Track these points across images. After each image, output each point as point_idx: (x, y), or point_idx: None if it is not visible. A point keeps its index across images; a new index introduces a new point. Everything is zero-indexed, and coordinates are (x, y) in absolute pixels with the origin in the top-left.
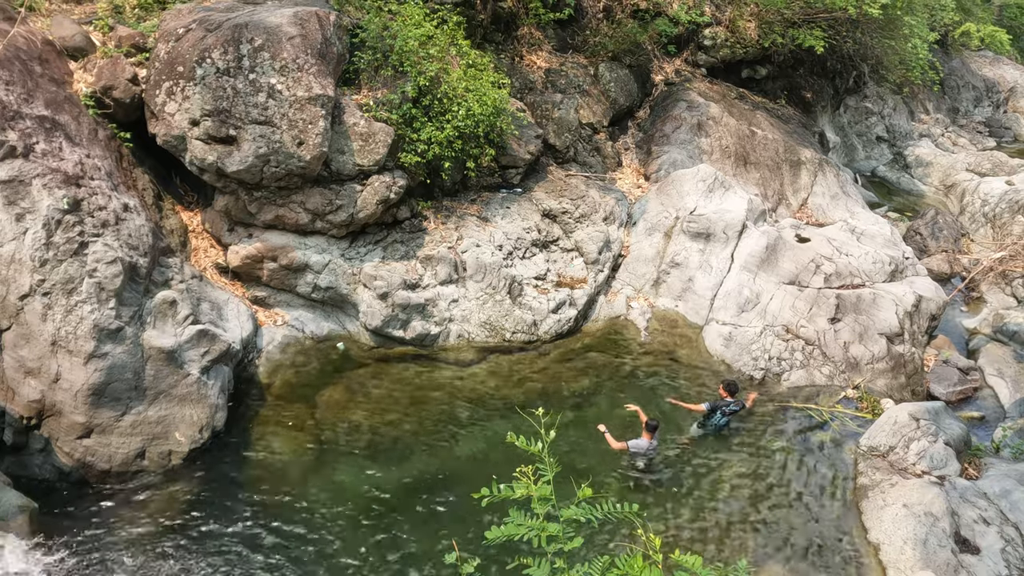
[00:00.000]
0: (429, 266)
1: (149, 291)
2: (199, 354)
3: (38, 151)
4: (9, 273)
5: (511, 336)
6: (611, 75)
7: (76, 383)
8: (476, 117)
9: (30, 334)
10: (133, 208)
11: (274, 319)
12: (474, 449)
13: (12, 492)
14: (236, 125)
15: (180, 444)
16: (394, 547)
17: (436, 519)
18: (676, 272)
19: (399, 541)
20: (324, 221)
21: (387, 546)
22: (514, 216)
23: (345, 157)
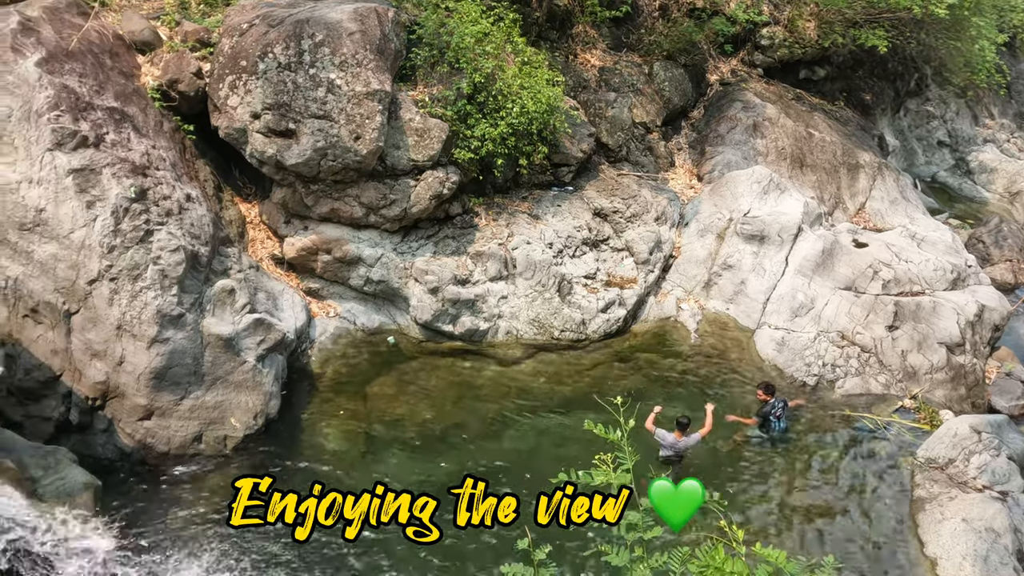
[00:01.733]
0: (479, 262)
1: (209, 279)
2: (255, 342)
3: (108, 141)
4: (79, 258)
5: (559, 334)
6: (665, 74)
7: (139, 366)
8: (530, 114)
9: (97, 318)
10: (195, 198)
11: (327, 310)
12: (521, 444)
13: (78, 469)
14: (295, 119)
15: (235, 429)
16: (427, 547)
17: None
18: (728, 274)
19: (445, 533)
20: (378, 215)
21: (420, 546)
22: (565, 214)
23: (400, 152)
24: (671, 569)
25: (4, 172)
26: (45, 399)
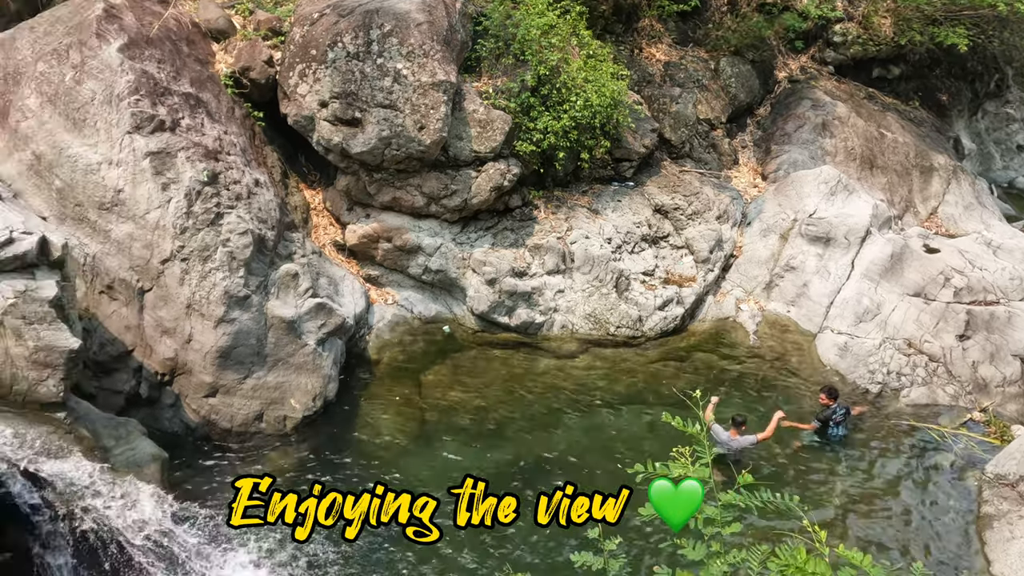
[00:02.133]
0: (537, 255)
1: (274, 263)
2: (316, 326)
3: (183, 126)
4: (154, 238)
5: (615, 330)
6: (732, 70)
7: (206, 345)
8: (593, 108)
9: (168, 296)
10: (263, 184)
11: (385, 298)
12: (572, 439)
13: (147, 441)
14: (362, 108)
15: (295, 410)
16: (480, 535)
17: (528, 505)
18: (790, 276)
19: (486, 530)
20: (438, 205)
21: (475, 532)
22: (625, 209)
23: (463, 143)
24: (750, 567)
25: (86, 153)
26: (117, 373)
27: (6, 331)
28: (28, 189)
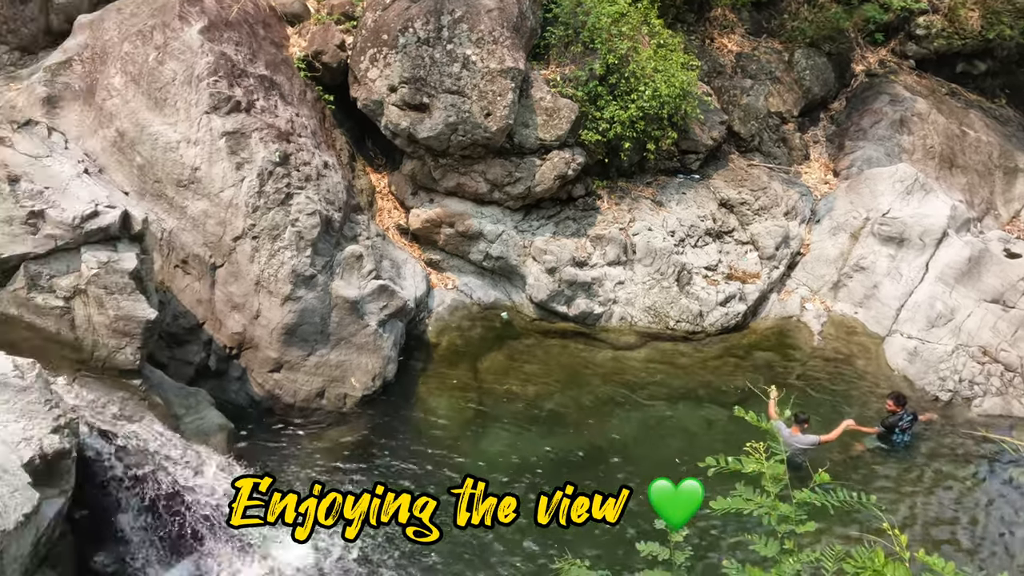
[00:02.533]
0: (599, 245)
1: (339, 244)
2: (378, 307)
3: (257, 107)
4: (227, 216)
5: (674, 324)
6: (807, 62)
7: (273, 321)
8: (662, 98)
9: (239, 272)
10: (332, 166)
11: (445, 282)
12: (626, 431)
13: (215, 411)
14: (430, 93)
15: (354, 389)
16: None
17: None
18: (860, 276)
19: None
20: (502, 192)
21: (528, 517)
22: (689, 202)
23: (528, 131)
24: (824, 567)
25: (166, 132)
26: (188, 344)
27: (89, 300)
28: (111, 165)
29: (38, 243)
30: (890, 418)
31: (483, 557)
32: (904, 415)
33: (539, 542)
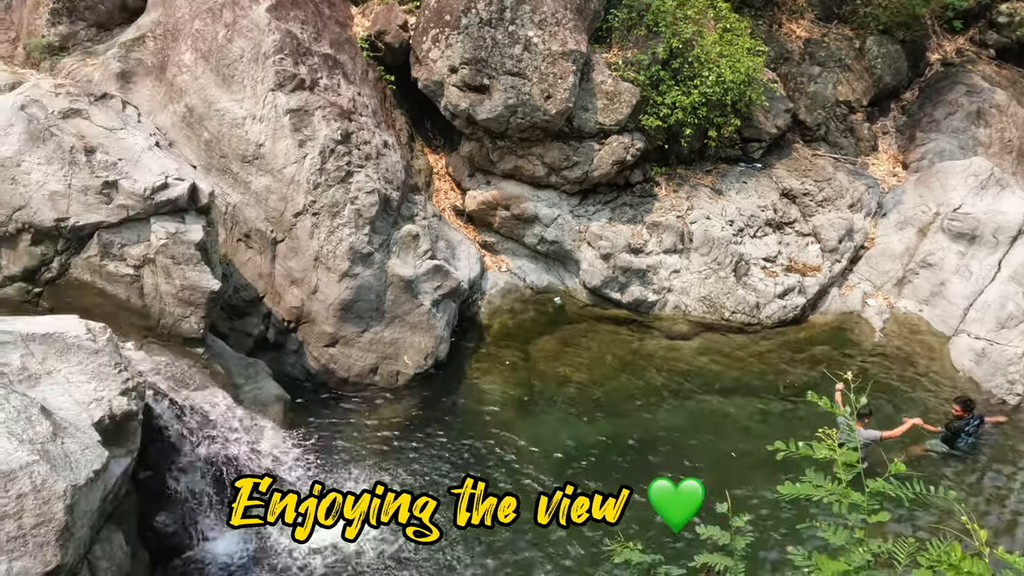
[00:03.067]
0: (655, 233)
1: (397, 223)
2: (433, 287)
3: (321, 85)
4: (289, 192)
5: (730, 315)
6: (879, 50)
7: (330, 296)
8: (726, 84)
9: (298, 248)
10: (391, 145)
11: (499, 265)
12: (676, 421)
13: (272, 382)
14: (490, 75)
15: (407, 367)
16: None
17: (628, 481)
18: (926, 273)
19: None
20: (559, 176)
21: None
22: (750, 192)
23: (588, 114)
24: (896, 559)
25: (233, 108)
26: (248, 317)
27: (157, 269)
28: (180, 139)
29: (111, 212)
30: (956, 422)
31: (546, 536)
32: (971, 420)
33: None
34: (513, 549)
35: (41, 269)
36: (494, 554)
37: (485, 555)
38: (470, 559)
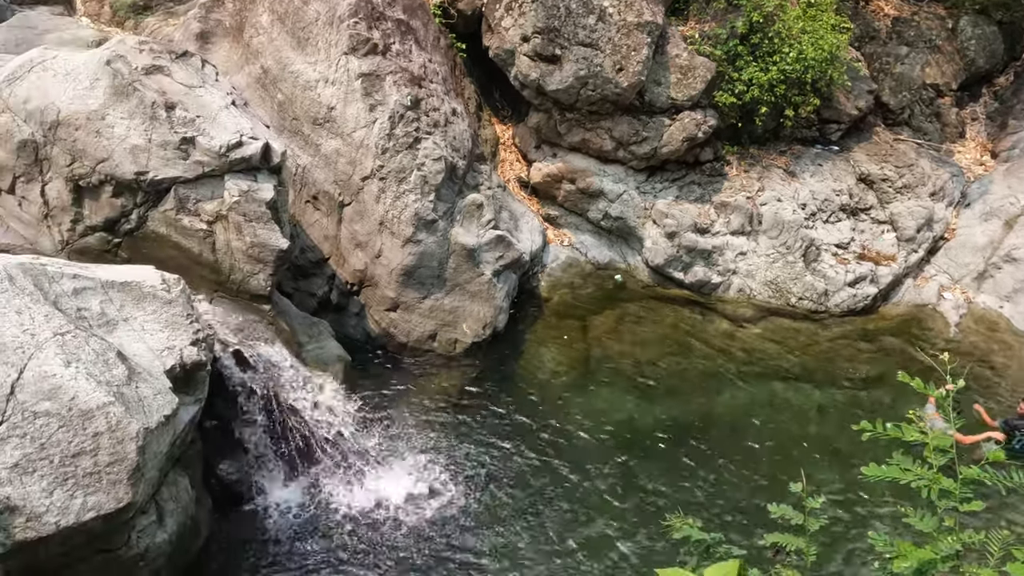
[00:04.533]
0: (723, 213)
1: (462, 192)
2: (494, 257)
3: (393, 51)
4: (357, 156)
5: (796, 301)
6: (973, 31)
7: (393, 261)
8: (807, 62)
9: (364, 211)
10: (459, 114)
11: (561, 239)
12: (736, 406)
13: (334, 342)
14: (562, 45)
15: (465, 335)
16: (638, 481)
17: (683, 463)
18: (1010, 268)
19: (644, 475)
20: (627, 151)
21: (631, 478)
22: (825, 175)
23: (660, 89)
24: (988, 551)
25: (306, 70)
26: (313, 278)
27: (229, 225)
28: (254, 100)
29: (187, 168)
30: (1016, 420)
31: (601, 512)
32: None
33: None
34: (573, 520)
35: (121, 220)
36: (547, 526)
37: (538, 530)
38: (526, 531)
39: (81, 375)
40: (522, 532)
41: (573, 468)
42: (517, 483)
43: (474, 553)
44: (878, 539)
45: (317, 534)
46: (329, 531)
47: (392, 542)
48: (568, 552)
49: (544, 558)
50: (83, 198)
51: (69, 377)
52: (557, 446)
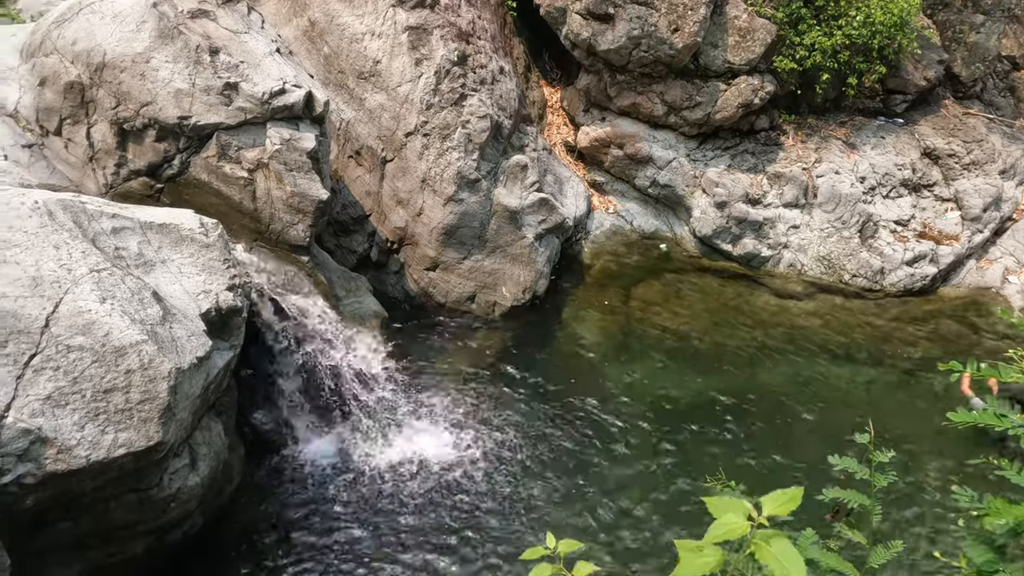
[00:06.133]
0: (776, 184)
1: (506, 152)
2: (537, 220)
3: (441, 4)
4: (401, 111)
5: (849, 279)
6: None
7: (434, 220)
8: (874, 27)
9: (407, 168)
10: (507, 72)
11: (606, 205)
12: (779, 383)
13: (372, 298)
14: (616, 3)
15: (504, 299)
16: (673, 453)
17: (722, 438)
18: None
19: (680, 447)
20: (678, 116)
21: (667, 450)
22: (887, 148)
23: (716, 52)
24: None
25: (353, 23)
26: (354, 234)
27: (270, 174)
28: (301, 52)
29: (230, 114)
30: None
31: (634, 483)
32: None
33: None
34: (605, 488)
35: (163, 166)
36: (579, 494)
37: (569, 497)
38: (556, 497)
39: (116, 312)
40: (552, 498)
41: (608, 437)
42: (550, 449)
43: (502, 516)
44: (963, 495)
45: (347, 486)
46: (359, 484)
47: (421, 498)
48: (598, 521)
49: (573, 524)
50: (127, 142)
51: (104, 313)
52: (593, 414)
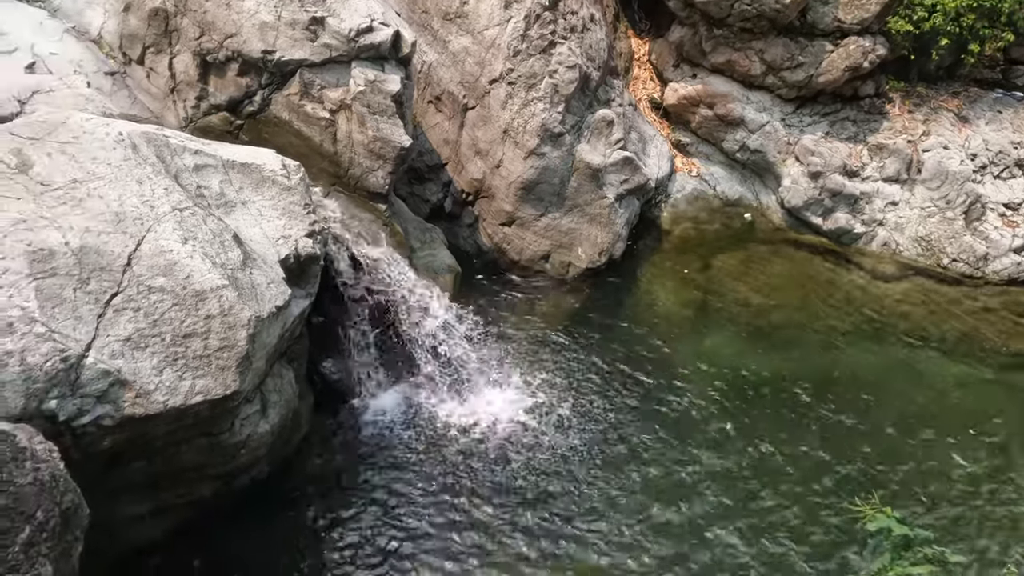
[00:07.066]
0: (877, 156)
1: (592, 106)
2: (619, 180)
3: None
4: (487, 56)
5: (949, 263)
6: None
7: (513, 173)
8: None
9: (489, 117)
10: (597, 20)
11: (690, 168)
12: (861, 369)
13: (446, 252)
14: None
15: (579, 259)
16: (742, 432)
17: (793, 420)
18: None
19: (749, 427)
20: (776, 77)
21: (736, 428)
22: (1004, 124)
23: (826, 9)
24: None
25: None
26: (429, 183)
27: (352, 116)
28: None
29: (315, 51)
30: None
31: (699, 460)
32: None
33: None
34: (668, 461)
35: (244, 101)
36: (641, 466)
37: (632, 468)
38: (621, 467)
39: (197, 254)
40: (617, 468)
41: (677, 409)
42: (618, 417)
43: (566, 480)
44: None
45: (413, 441)
46: (425, 439)
47: (485, 457)
48: (659, 495)
49: (635, 496)
50: (209, 74)
51: (185, 255)
52: (663, 385)
